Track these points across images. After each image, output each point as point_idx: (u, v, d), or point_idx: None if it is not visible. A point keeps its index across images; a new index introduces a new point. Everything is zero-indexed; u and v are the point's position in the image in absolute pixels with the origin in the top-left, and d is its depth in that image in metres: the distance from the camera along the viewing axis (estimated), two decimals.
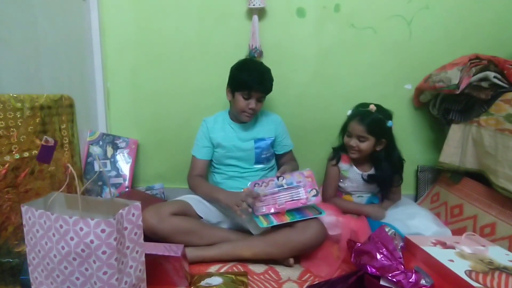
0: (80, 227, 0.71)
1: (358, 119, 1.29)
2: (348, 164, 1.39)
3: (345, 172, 1.40)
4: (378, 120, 1.28)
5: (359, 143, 1.30)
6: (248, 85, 1.28)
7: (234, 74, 1.34)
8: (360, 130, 1.28)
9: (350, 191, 1.41)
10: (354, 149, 1.32)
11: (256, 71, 1.30)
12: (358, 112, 1.32)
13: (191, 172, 1.43)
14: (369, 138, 1.29)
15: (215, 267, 1.13)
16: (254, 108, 1.31)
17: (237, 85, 1.32)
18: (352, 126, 1.31)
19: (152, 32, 1.62)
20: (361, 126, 1.28)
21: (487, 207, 1.24)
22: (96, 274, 0.73)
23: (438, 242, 0.98)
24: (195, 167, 1.43)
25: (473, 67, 1.28)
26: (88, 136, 1.58)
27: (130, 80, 1.68)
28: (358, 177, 1.38)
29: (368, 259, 0.96)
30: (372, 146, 1.30)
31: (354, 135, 1.31)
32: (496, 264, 0.86)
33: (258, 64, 1.37)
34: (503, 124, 1.17)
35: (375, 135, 1.29)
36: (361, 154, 1.32)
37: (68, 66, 1.43)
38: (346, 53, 1.61)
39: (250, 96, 1.30)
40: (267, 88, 1.33)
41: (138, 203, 0.80)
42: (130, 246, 0.79)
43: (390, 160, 1.33)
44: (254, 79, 1.27)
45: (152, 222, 1.13)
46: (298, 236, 1.13)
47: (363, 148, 1.30)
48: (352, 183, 1.39)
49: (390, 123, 1.29)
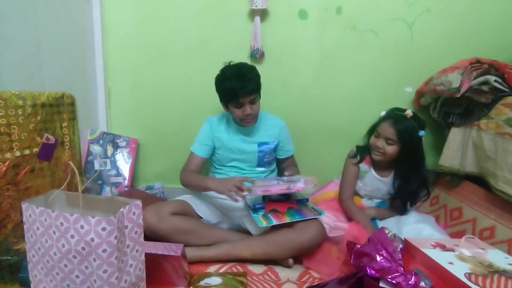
0: (81, 225, 0.71)
1: (391, 121, 1.26)
2: (368, 166, 1.36)
3: (363, 173, 1.37)
4: (411, 127, 1.24)
5: (386, 145, 1.27)
6: (233, 94, 1.24)
7: (218, 88, 1.31)
8: (390, 133, 1.25)
9: (362, 193, 1.39)
10: (380, 150, 1.28)
11: (235, 76, 1.24)
12: (393, 114, 1.29)
13: (185, 167, 1.40)
14: (397, 142, 1.25)
15: (214, 267, 1.13)
16: (251, 112, 1.29)
17: (224, 98, 1.30)
18: (383, 127, 1.27)
19: (154, 31, 1.63)
20: (393, 128, 1.24)
21: (487, 210, 1.25)
22: (96, 272, 0.73)
23: (438, 244, 0.99)
24: (191, 162, 1.40)
25: (474, 70, 1.28)
26: (89, 135, 1.58)
27: (131, 79, 1.68)
28: (374, 181, 1.35)
29: (368, 261, 0.96)
30: (397, 152, 1.27)
31: (383, 137, 1.27)
32: (495, 267, 0.86)
33: (236, 67, 1.30)
34: (503, 128, 1.17)
35: (403, 141, 1.25)
36: (385, 157, 1.29)
37: (69, 64, 1.43)
38: (347, 55, 1.61)
39: (241, 104, 1.27)
40: (252, 89, 1.26)
41: (139, 201, 0.80)
42: (131, 244, 0.79)
43: (416, 173, 1.29)
44: (236, 86, 1.23)
45: (152, 221, 1.13)
46: (297, 236, 1.13)
47: (388, 151, 1.27)
48: (366, 186, 1.37)
49: (422, 133, 1.25)
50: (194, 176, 1.34)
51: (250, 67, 1.31)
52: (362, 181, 1.38)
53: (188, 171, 1.37)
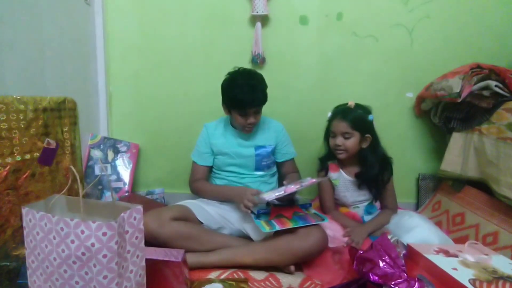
0: (81, 230, 0.70)
1: (340, 117, 1.30)
2: (337, 172, 1.38)
3: (335, 181, 1.38)
4: (360, 114, 1.29)
5: (345, 140, 1.29)
6: (242, 104, 1.25)
7: (226, 92, 1.31)
8: (343, 127, 1.28)
9: (344, 201, 1.39)
10: (341, 148, 1.30)
11: (246, 86, 1.24)
12: (339, 110, 1.33)
13: (192, 177, 1.43)
14: (354, 133, 1.28)
15: (215, 273, 1.12)
16: (254, 122, 1.31)
17: (230, 104, 1.30)
18: (335, 125, 1.31)
19: (155, 37, 1.64)
20: (344, 122, 1.28)
21: (489, 215, 1.24)
22: (96, 278, 0.72)
23: (441, 250, 0.98)
24: (196, 172, 1.43)
25: (475, 76, 1.29)
26: (90, 140, 1.58)
27: (133, 84, 1.69)
28: (348, 183, 1.37)
29: (371, 266, 0.95)
30: (357, 143, 1.30)
31: (339, 133, 1.30)
32: (500, 273, 0.85)
33: (247, 76, 1.29)
34: (505, 133, 1.17)
35: (359, 130, 1.28)
36: (349, 152, 1.31)
37: (72, 70, 1.44)
38: (347, 61, 1.62)
39: (247, 113, 1.28)
40: (261, 102, 1.29)
41: (140, 206, 0.79)
42: (131, 250, 0.78)
43: (376, 156, 1.32)
44: (246, 97, 1.23)
45: (152, 226, 1.12)
46: (300, 242, 1.12)
47: (349, 146, 1.29)
48: (343, 191, 1.37)
49: (371, 117, 1.29)
50: (208, 187, 1.41)
51: (260, 77, 1.32)
52: (338, 190, 1.38)
53: (199, 182, 1.41)
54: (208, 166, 1.43)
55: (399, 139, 1.65)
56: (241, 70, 1.33)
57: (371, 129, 1.31)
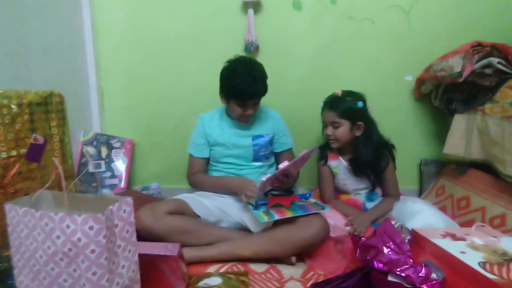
0: (67, 225, 0.66)
1: (328, 106, 1.29)
2: (337, 160, 1.36)
3: (335, 169, 1.36)
4: (346, 102, 1.26)
5: (334, 130, 1.28)
6: (243, 95, 1.21)
7: (226, 82, 1.25)
8: (331, 116, 1.27)
9: (345, 189, 1.37)
10: (331, 138, 1.30)
11: (248, 77, 1.19)
12: (327, 99, 1.33)
13: (189, 171, 1.39)
14: (343, 122, 1.27)
15: (214, 267, 1.08)
16: (252, 113, 1.27)
17: (230, 94, 1.25)
18: (325, 114, 1.31)
19: (146, 30, 1.59)
20: (332, 111, 1.27)
21: (496, 198, 1.20)
22: (85, 275, 0.68)
23: (448, 234, 0.94)
24: (193, 165, 1.39)
25: (476, 54, 1.24)
26: (82, 136, 1.53)
27: (125, 79, 1.64)
28: (347, 171, 1.34)
29: (375, 254, 0.91)
30: (348, 131, 1.28)
31: (328, 123, 1.29)
32: (510, 255, 0.81)
33: (248, 66, 1.24)
34: (509, 111, 1.13)
35: (348, 119, 1.26)
36: (340, 142, 1.29)
37: (59, 64, 1.39)
38: (344, 46, 1.57)
39: (246, 104, 1.24)
40: (262, 93, 1.25)
41: (130, 198, 0.75)
42: (122, 244, 0.74)
43: (370, 143, 1.29)
44: (247, 88, 1.19)
45: (147, 221, 1.08)
46: (300, 232, 1.08)
47: (339, 135, 1.28)
48: (343, 178, 1.35)
49: (360, 104, 1.26)
50: (208, 179, 1.37)
51: (261, 67, 1.28)
52: (338, 178, 1.36)
53: (198, 175, 1.37)
54: (205, 158, 1.39)
55: (399, 125, 1.61)
56: (242, 58, 1.28)
57: (362, 116, 1.28)
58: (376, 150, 1.30)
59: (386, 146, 1.34)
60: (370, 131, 1.30)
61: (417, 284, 0.80)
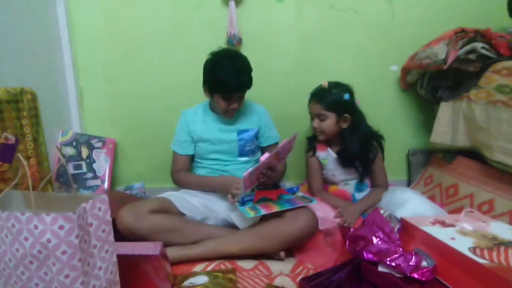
0: (35, 225, 0.62)
1: (314, 99, 1.28)
2: (325, 151, 1.35)
3: (324, 161, 1.35)
4: (332, 95, 1.25)
5: (320, 122, 1.28)
6: (227, 88, 1.18)
7: (210, 75, 1.21)
8: (317, 109, 1.26)
9: (333, 180, 1.36)
10: (317, 130, 1.29)
11: (233, 69, 1.15)
12: (314, 92, 1.31)
13: (173, 168, 1.35)
14: (328, 115, 1.26)
15: (200, 266, 1.04)
16: (237, 107, 1.24)
17: (214, 88, 1.21)
18: (311, 107, 1.30)
19: (123, 25, 1.53)
20: (318, 104, 1.26)
21: (483, 184, 1.20)
22: (56, 278, 0.63)
23: (437, 221, 0.92)
24: (177, 163, 1.35)
25: (460, 40, 1.23)
26: (60, 137, 1.47)
27: (104, 76, 1.58)
28: (336, 162, 1.33)
29: (364, 244, 0.89)
30: (334, 124, 1.27)
31: (315, 115, 1.29)
32: (500, 239, 0.80)
33: (233, 58, 1.20)
34: (494, 96, 1.12)
35: (334, 111, 1.25)
36: (326, 134, 1.29)
37: (33, 62, 1.33)
38: (328, 37, 1.55)
39: (231, 97, 1.20)
40: (247, 86, 1.22)
41: (105, 196, 0.71)
42: (98, 244, 0.70)
43: (357, 135, 1.28)
44: (232, 81, 1.15)
45: (128, 221, 1.03)
46: (288, 226, 1.05)
47: (325, 128, 1.27)
48: (332, 169, 1.34)
49: (346, 96, 1.24)
50: (192, 177, 1.34)
51: (246, 60, 1.24)
52: (327, 169, 1.35)
53: (182, 173, 1.33)
54: (189, 155, 1.35)
55: (386, 115, 1.60)
56: (226, 50, 1.24)
57: (348, 108, 1.26)
58: (363, 141, 1.29)
59: (375, 137, 1.32)
60: (357, 123, 1.28)
61: (408, 273, 0.79)
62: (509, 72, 1.08)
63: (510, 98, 1.06)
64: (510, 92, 1.06)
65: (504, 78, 1.10)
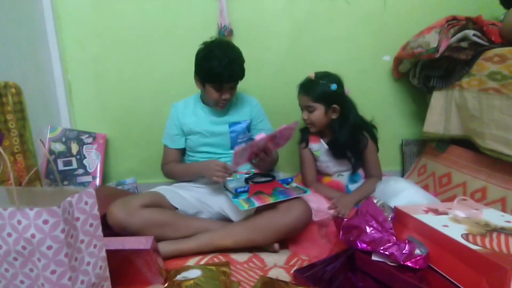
0: (18, 220, 0.60)
1: (302, 90, 1.27)
2: (318, 143, 1.34)
3: (317, 152, 1.34)
4: (320, 86, 1.23)
5: (309, 114, 1.26)
6: (219, 78, 1.16)
7: (201, 65, 1.19)
8: (305, 100, 1.25)
9: (327, 171, 1.35)
10: (307, 122, 1.28)
11: (225, 59, 1.14)
12: (301, 83, 1.29)
13: (163, 162, 1.35)
14: (317, 106, 1.24)
15: (194, 259, 1.03)
16: (228, 98, 1.22)
17: (206, 77, 1.20)
18: (299, 98, 1.29)
19: (112, 17, 1.50)
20: (305, 96, 1.25)
21: (476, 172, 1.20)
22: (42, 274, 0.62)
23: (430, 209, 0.92)
24: (168, 156, 1.34)
25: (451, 28, 1.23)
26: (49, 133, 1.44)
27: (93, 70, 1.55)
28: (329, 153, 1.32)
29: (358, 234, 0.89)
30: (323, 115, 1.25)
31: (303, 107, 1.27)
32: (492, 226, 0.80)
33: (225, 48, 1.19)
34: (486, 83, 1.12)
35: (322, 102, 1.23)
36: (316, 126, 1.28)
37: (18, 56, 1.29)
38: (320, 27, 1.53)
39: (222, 88, 1.19)
40: (239, 77, 1.21)
41: (92, 189, 0.69)
42: (85, 239, 0.68)
43: (347, 124, 1.26)
44: (224, 71, 1.14)
45: (119, 216, 1.02)
46: (281, 218, 1.04)
47: (314, 119, 1.26)
48: (325, 161, 1.33)
49: (334, 87, 1.21)
50: (177, 167, 1.32)
51: (238, 50, 1.22)
52: (320, 160, 1.34)
53: (169, 164, 1.33)
54: (180, 149, 1.33)
55: (378, 106, 1.59)
56: (218, 40, 1.23)
57: (337, 98, 1.24)
58: (353, 131, 1.27)
59: (366, 127, 1.31)
60: (346, 113, 1.27)
61: (401, 261, 0.78)
62: (501, 59, 1.08)
63: (502, 85, 1.06)
64: (502, 79, 1.06)
65: (496, 65, 1.09)
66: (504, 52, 1.07)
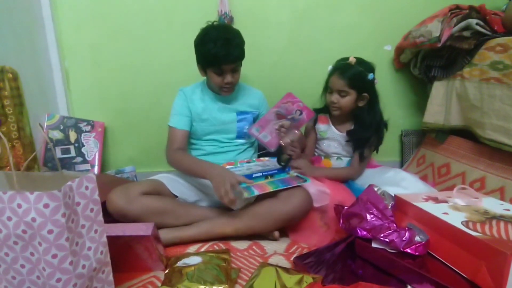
0: (18, 204, 0.59)
1: (338, 73, 1.21)
2: (326, 124, 1.33)
3: (323, 133, 1.33)
4: (359, 73, 1.19)
5: (340, 98, 1.23)
6: (216, 60, 1.13)
7: (199, 49, 1.18)
8: (340, 84, 1.21)
9: (329, 153, 1.34)
10: (335, 105, 1.24)
11: (220, 40, 1.11)
12: (338, 65, 1.24)
13: (170, 146, 1.24)
14: (350, 92, 1.21)
15: (194, 247, 1.03)
16: (231, 81, 1.19)
17: (204, 61, 1.18)
18: (333, 81, 1.23)
19: (110, 3, 1.47)
20: (341, 79, 1.20)
21: (475, 162, 1.20)
22: (43, 259, 0.61)
23: (430, 197, 0.92)
24: (175, 139, 1.24)
25: (454, 17, 1.21)
26: (47, 120, 1.43)
27: (91, 57, 1.53)
28: (337, 137, 1.31)
29: (358, 221, 0.89)
30: (353, 102, 1.23)
31: (335, 90, 1.23)
32: (492, 214, 0.81)
33: (221, 30, 1.16)
34: (487, 73, 1.11)
35: (356, 89, 1.21)
36: (342, 110, 1.25)
37: (14, 42, 1.27)
38: (321, 15, 1.52)
39: (223, 71, 1.16)
40: (237, 57, 1.16)
41: (92, 174, 0.68)
42: (86, 224, 0.68)
43: (373, 117, 1.25)
44: (220, 52, 1.11)
45: (119, 203, 1.01)
46: (281, 206, 1.04)
47: (343, 104, 1.23)
48: (330, 144, 1.33)
49: (371, 76, 1.20)
50: (186, 159, 1.19)
51: (236, 31, 1.19)
52: (325, 140, 1.34)
53: (178, 152, 1.22)
54: (188, 131, 1.27)
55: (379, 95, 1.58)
56: (215, 24, 1.20)
57: (370, 88, 1.23)
58: (376, 126, 1.26)
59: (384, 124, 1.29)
60: (374, 104, 1.25)
61: (401, 248, 0.79)
62: (503, 48, 1.07)
63: (503, 75, 1.05)
64: (504, 68, 1.05)
65: (498, 54, 1.08)
66: (507, 41, 1.06)
